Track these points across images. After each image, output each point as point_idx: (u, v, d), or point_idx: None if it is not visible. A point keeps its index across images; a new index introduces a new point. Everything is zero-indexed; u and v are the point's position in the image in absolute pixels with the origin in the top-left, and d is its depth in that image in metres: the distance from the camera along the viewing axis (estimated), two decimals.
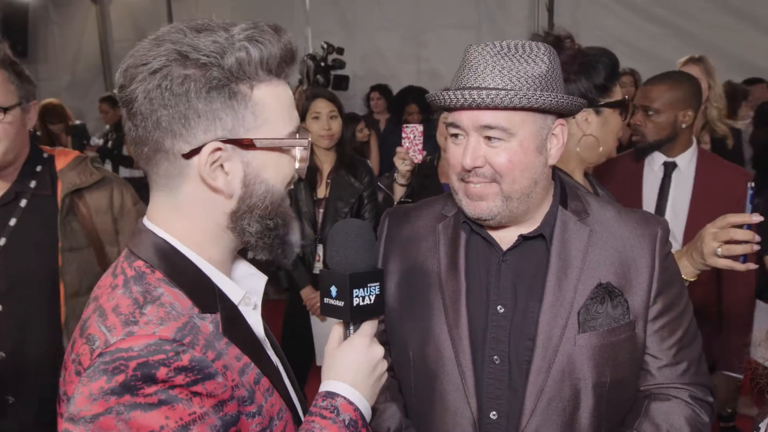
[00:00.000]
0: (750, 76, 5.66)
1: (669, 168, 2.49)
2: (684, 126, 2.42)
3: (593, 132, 1.77)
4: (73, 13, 8.51)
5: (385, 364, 1.13)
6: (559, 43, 1.65)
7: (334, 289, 1.10)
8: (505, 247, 1.33)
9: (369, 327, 1.13)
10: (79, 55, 8.48)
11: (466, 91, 1.18)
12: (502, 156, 1.22)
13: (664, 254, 1.34)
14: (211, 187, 0.97)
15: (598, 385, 1.27)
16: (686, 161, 2.47)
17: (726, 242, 1.51)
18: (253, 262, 1.16)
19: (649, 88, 2.46)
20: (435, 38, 7.09)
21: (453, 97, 1.20)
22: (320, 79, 6.33)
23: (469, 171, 1.24)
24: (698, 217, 2.24)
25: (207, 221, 1.01)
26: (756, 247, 1.49)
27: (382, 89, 6.75)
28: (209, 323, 0.97)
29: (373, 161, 6.08)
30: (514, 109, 1.19)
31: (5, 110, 1.75)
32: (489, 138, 1.22)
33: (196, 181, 0.97)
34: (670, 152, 2.48)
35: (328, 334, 1.15)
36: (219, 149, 0.95)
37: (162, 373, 0.84)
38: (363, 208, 3.34)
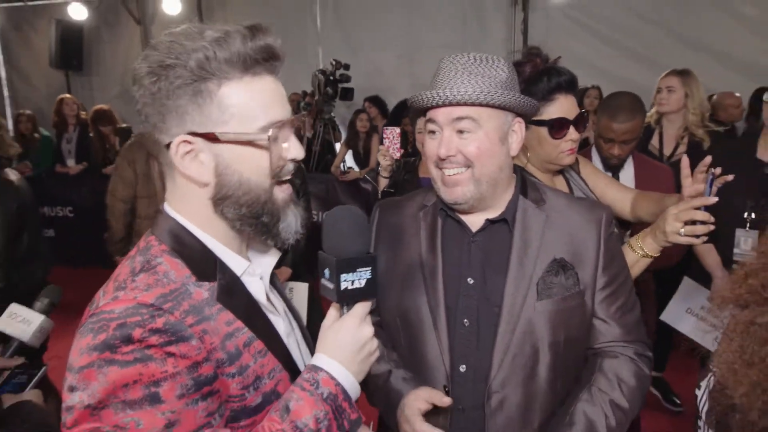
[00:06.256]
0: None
1: (615, 168, 2.51)
2: None
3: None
4: (120, 33, 8.46)
5: (374, 343, 1.05)
6: (531, 59, 1.67)
7: (327, 272, 1.02)
8: (474, 229, 1.34)
9: (360, 308, 1.04)
10: (126, 68, 8.40)
11: (441, 90, 1.24)
12: (472, 145, 1.25)
13: (608, 234, 1.35)
14: (183, 175, 0.95)
15: (554, 343, 1.28)
16: (628, 162, 2.52)
17: (687, 223, 1.51)
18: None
19: (629, 125, 2.37)
20: (426, 57, 7.03)
21: (431, 96, 1.25)
22: (329, 91, 6.34)
23: (444, 159, 1.27)
24: None
25: (197, 206, 0.98)
26: (712, 227, 1.48)
27: (372, 99, 6.82)
28: (205, 290, 0.94)
29: (373, 159, 6.15)
30: (481, 105, 1.23)
31: None
32: (461, 132, 1.25)
33: (177, 169, 0.96)
34: None
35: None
36: (186, 142, 0.92)
37: (137, 333, 0.83)
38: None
